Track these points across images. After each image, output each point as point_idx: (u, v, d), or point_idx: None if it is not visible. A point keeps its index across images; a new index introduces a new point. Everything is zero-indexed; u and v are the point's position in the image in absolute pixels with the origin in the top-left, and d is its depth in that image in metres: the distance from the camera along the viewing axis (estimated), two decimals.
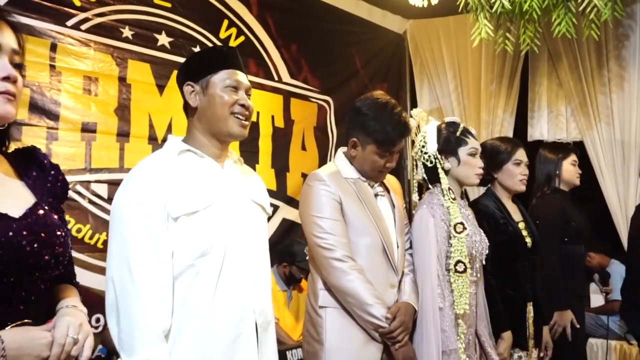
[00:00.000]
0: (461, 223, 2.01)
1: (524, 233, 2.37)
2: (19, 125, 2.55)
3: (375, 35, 4.52)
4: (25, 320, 1.05)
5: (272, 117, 3.72)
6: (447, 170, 2.11)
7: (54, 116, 2.69)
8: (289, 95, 3.83)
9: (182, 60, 3.08)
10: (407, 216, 2.12)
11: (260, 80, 3.66)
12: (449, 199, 2.05)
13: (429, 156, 2.11)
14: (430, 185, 2.14)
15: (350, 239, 1.88)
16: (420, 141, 2.14)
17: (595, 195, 3.83)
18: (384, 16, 4.57)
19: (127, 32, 2.98)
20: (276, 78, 3.77)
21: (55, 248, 1.09)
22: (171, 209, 1.35)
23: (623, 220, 3.74)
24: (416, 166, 2.18)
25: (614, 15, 3.07)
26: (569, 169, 2.90)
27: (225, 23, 3.49)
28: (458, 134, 2.12)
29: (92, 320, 2.71)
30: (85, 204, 2.76)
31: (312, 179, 1.93)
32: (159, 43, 3.12)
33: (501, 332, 2.21)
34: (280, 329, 3.27)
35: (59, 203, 1.22)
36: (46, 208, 1.13)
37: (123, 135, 2.93)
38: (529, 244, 2.36)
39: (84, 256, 2.70)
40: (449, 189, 2.07)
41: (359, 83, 4.30)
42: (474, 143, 2.13)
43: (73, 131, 2.75)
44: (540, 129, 4.16)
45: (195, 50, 3.27)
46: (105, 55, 2.89)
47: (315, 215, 1.86)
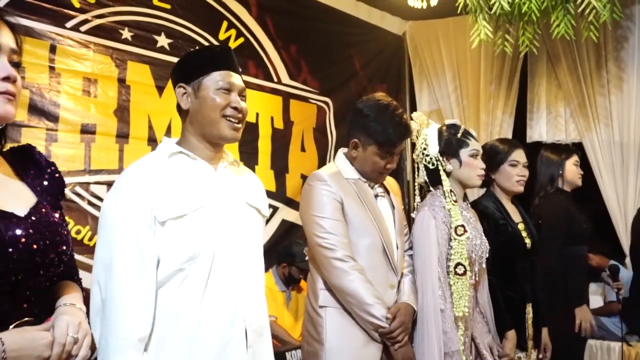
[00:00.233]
0: (462, 226, 2.02)
1: (524, 234, 2.37)
2: (19, 127, 2.55)
3: (374, 36, 4.52)
4: (27, 319, 1.05)
5: (272, 119, 3.72)
6: (449, 172, 2.11)
7: (53, 117, 2.69)
8: (288, 96, 3.84)
9: None
10: (406, 218, 2.12)
11: (260, 82, 3.66)
12: (450, 201, 2.05)
13: (431, 158, 2.11)
14: (431, 188, 2.14)
15: (351, 240, 1.88)
16: (421, 144, 2.14)
17: (594, 196, 3.84)
18: (383, 17, 4.58)
19: (127, 34, 2.98)
20: (275, 79, 3.78)
21: (59, 246, 1.10)
22: (158, 213, 1.33)
23: (622, 222, 3.74)
24: (418, 169, 2.18)
25: (613, 17, 3.08)
26: (572, 170, 2.90)
27: (225, 24, 3.50)
28: (459, 135, 2.13)
29: None
30: (85, 205, 2.76)
31: (313, 179, 1.93)
32: (159, 44, 3.12)
33: (505, 332, 2.21)
34: (278, 327, 3.27)
35: (57, 200, 1.22)
36: (47, 207, 1.14)
37: (122, 136, 2.93)
38: (529, 245, 2.36)
39: (83, 258, 2.69)
40: (450, 191, 2.07)
41: (358, 84, 4.30)
42: (475, 145, 2.14)
43: (72, 132, 2.75)
44: (540, 130, 4.17)
45: None
46: (105, 57, 2.89)
47: (317, 215, 1.86)
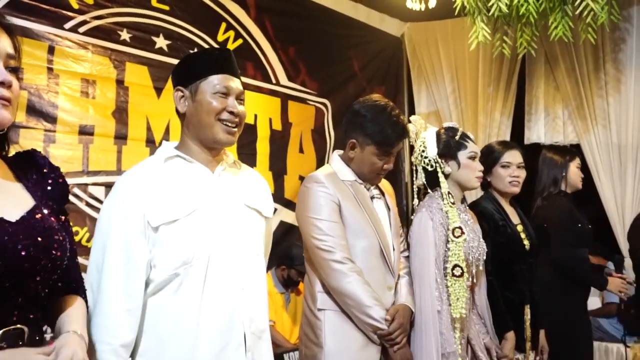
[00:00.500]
0: (459, 227, 2.02)
1: (522, 235, 2.38)
2: (17, 128, 2.54)
3: (373, 38, 4.52)
4: (18, 326, 1.03)
5: (270, 120, 3.72)
6: (448, 175, 2.13)
7: (52, 119, 2.68)
8: (286, 98, 3.84)
9: None
10: (404, 219, 2.12)
11: (258, 83, 3.66)
12: (448, 203, 2.06)
13: (429, 160, 2.13)
14: (430, 190, 2.15)
15: (348, 242, 1.88)
16: (420, 146, 2.15)
17: (592, 198, 3.84)
18: (381, 19, 4.58)
19: (125, 35, 2.98)
20: (274, 81, 3.78)
21: (52, 252, 1.07)
22: (151, 218, 1.34)
23: (620, 223, 3.75)
24: (416, 172, 2.18)
25: (611, 19, 3.09)
26: (575, 172, 2.90)
27: (223, 26, 3.50)
28: (457, 138, 2.15)
29: None
30: (83, 206, 2.76)
31: (310, 181, 1.93)
32: (157, 46, 3.12)
33: (504, 333, 2.21)
34: (276, 333, 3.26)
35: (60, 205, 1.21)
36: (45, 211, 1.12)
37: (121, 137, 2.93)
38: (527, 247, 2.37)
39: (81, 259, 2.61)
40: (448, 193, 2.08)
41: (356, 86, 4.31)
42: (473, 147, 2.15)
43: (70, 134, 2.75)
44: (538, 132, 4.17)
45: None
46: (103, 58, 2.89)
47: (314, 217, 1.86)
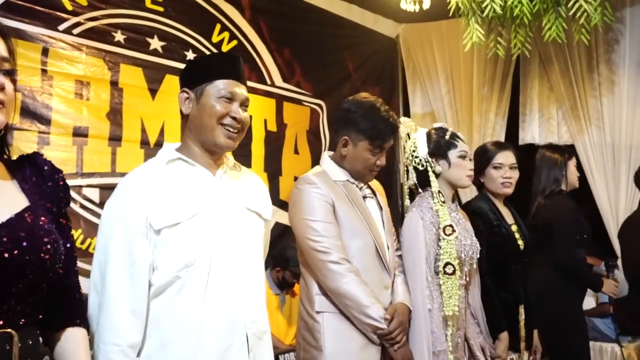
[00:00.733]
0: (450, 225, 2.04)
1: (517, 235, 2.38)
2: (10, 130, 2.53)
3: (367, 39, 4.53)
4: (8, 330, 1.01)
5: (265, 121, 3.72)
6: (438, 174, 2.15)
7: (46, 120, 2.68)
8: (281, 99, 3.84)
9: (175, 64, 3.19)
10: (398, 219, 2.13)
11: (253, 84, 3.65)
12: (438, 202, 2.08)
13: (420, 160, 2.15)
14: (421, 190, 2.17)
15: (343, 242, 1.87)
16: (410, 147, 2.17)
17: (585, 197, 3.86)
18: (376, 20, 4.59)
19: (119, 36, 2.98)
20: (269, 82, 3.78)
21: (41, 255, 1.05)
22: (153, 221, 1.34)
23: (614, 223, 3.77)
24: (407, 172, 2.20)
25: (604, 20, 3.11)
26: (573, 171, 2.91)
27: (218, 27, 3.50)
28: (447, 137, 2.17)
29: None
30: (77, 208, 2.75)
31: (302, 183, 1.92)
32: (151, 47, 3.12)
33: (498, 333, 2.21)
34: (272, 336, 3.25)
35: (61, 208, 1.20)
36: (38, 213, 1.10)
37: (115, 139, 2.93)
38: (522, 247, 2.37)
39: None
40: (438, 192, 2.10)
41: (351, 87, 4.31)
42: (463, 146, 2.18)
43: (65, 135, 2.74)
44: (532, 133, 4.19)
45: (187, 54, 3.27)
46: (97, 60, 2.89)
47: (308, 219, 1.84)
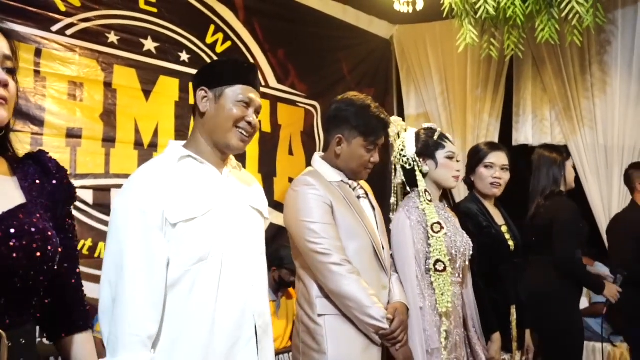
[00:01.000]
0: (438, 223, 2.06)
1: (507, 236, 2.39)
2: None
3: (362, 40, 4.54)
4: None
5: (259, 122, 3.71)
6: (426, 173, 2.17)
7: (39, 122, 2.67)
8: (276, 100, 3.84)
9: (169, 65, 3.19)
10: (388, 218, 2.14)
11: None
12: (425, 201, 2.10)
13: (408, 159, 2.17)
14: (409, 188, 2.19)
15: (342, 243, 1.86)
16: (399, 146, 2.20)
17: (577, 197, 3.87)
18: (370, 22, 4.60)
19: (113, 37, 2.97)
20: (263, 83, 3.77)
21: (31, 253, 1.04)
22: (170, 216, 1.37)
23: (606, 223, 3.77)
24: (395, 170, 2.23)
25: (596, 22, 3.13)
26: (571, 171, 2.92)
27: (212, 28, 3.49)
28: (436, 138, 2.20)
29: None
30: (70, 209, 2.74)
31: (299, 184, 1.91)
32: (145, 48, 3.12)
33: (490, 334, 2.22)
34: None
35: (64, 207, 1.20)
36: (32, 211, 1.09)
37: (109, 140, 2.92)
38: (512, 247, 2.38)
39: None
40: (425, 191, 2.12)
41: (346, 88, 4.30)
42: (451, 147, 2.20)
43: (58, 137, 2.74)
44: (525, 134, 4.21)
45: (181, 55, 3.27)
46: (91, 61, 2.88)
47: (306, 220, 1.83)
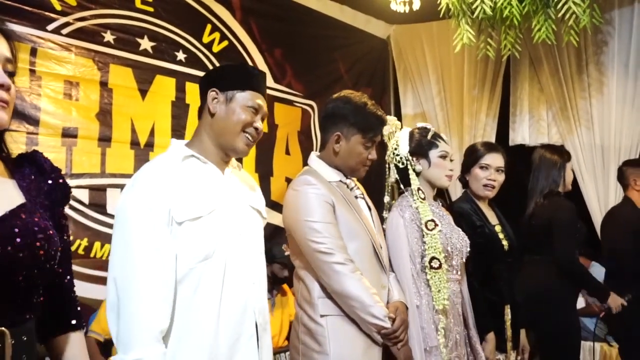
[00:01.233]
0: (432, 220, 2.06)
1: (501, 236, 2.39)
2: None
3: (359, 40, 4.54)
4: (1, 328, 1.02)
5: None
6: (419, 172, 2.18)
7: (34, 121, 2.66)
8: (272, 99, 3.83)
9: (165, 64, 3.19)
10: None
11: None
12: (418, 199, 2.10)
13: (401, 158, 2.18)
14: (402, 187, 2.20)
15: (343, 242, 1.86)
16: (393, 144, 2.20)
17: (573, 197, 3.87)
18: (367, 21, 4.60)
19: (109, 37, 2.97)
20: None
21: (36, 251, 1.06)
22: (176, 214, 1.39)
23: None
24: (389, 169, 2.23)
25: (593, 22, 3.13)
26: (570, 174, 2.92)
27: (209, 28, 3.49)
28: (429, 137, 2.20)
29: None
30: (66, 209, 2.72)
31: (300, 184, 1.90)
32: (141, 47, 3.11)
33: (485, 334, 2.22)
34: None
35: (59, 207, 1.21)
36: (34, 210, 1.11)
37: (105, 140, 2.92)
38: (506, 247, 2.38)
39: None
40: (418, 189, 2.13)
41: (343, 88, 4.22)
42: (444, 146, 2.21)
43: (53, 136, 2.73)
44: (522, 134, 4.21)
45: (177, 54, 3.27)
46: (87, 60, 2.87)
47: (309, 220, 1.82)
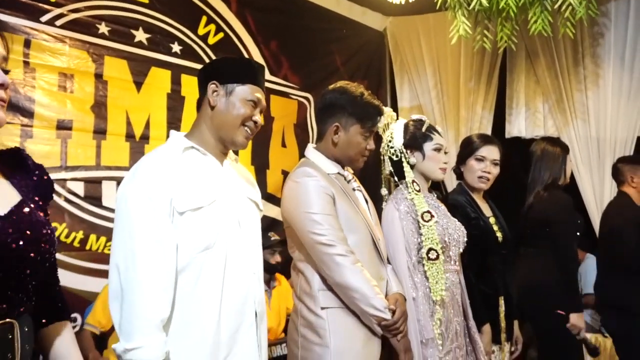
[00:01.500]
0: (428, 212, 2.06)
1: (495, 228, 2.40)
2: None
3: (355, 32, 4.52)
4: (7, 320, 1.04)
5: None
6: (413, 165, 2.18)
7: (28, 113, 2.65)
8: (268, 92, 3.82)
9: (160, 56, 3.17)
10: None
11: None
12: (413, 191, 2.11)
13: (395, 150, 2.18)
14: (397, 179, 2.20)
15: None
16: (387, 137, 2.20)
17: (571, 190, 3.89)
18: (364, 13, 4.59)
19: (104, 28, 2.95)
20: None
21: (41, 245, 1.10)
22: (177, 204, 1.41)
23: (598, 216, 3.78)
24: (383, 161, 2.23)
25: (589, 14, 3.12)
26: (569, 167, 2.91)
27: (204, 19, 3.47)
28: (424, 130, 2.20)
29: None
30: (61, 202, 2.73)
31: (300, 176, 1.88)
32: (136, 39, 3.09)
33: (481, 326, 2.23)
34: None
35: (45, 202, 1.23)
36: (32, 206, 1.14)
37: (100, 132, 2.90)
38: (500, 239, 2.39)
39: (60, 255, 2.67)
40: (412, 181, 2.13)
41: (339, 80, 4.22)
42: (439, 139, 2.20)
43: (48, 129, 2.72)
44: (519, 126, 4.21)
45: (173, 46, 3.25)
46: (81, 52, 2.85)
47: (310, 212, 1.81)
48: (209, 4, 3.49)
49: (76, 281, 2.71)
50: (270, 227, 3.67)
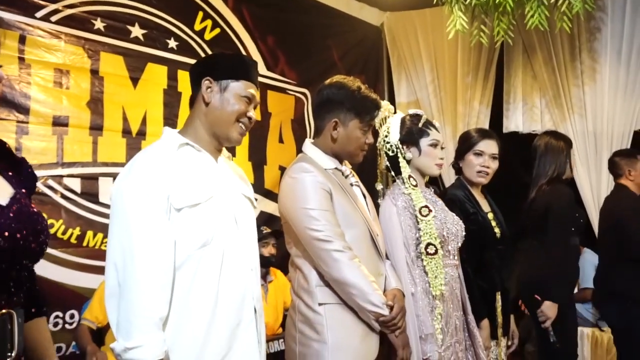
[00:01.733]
0: (426, 206, 2.06)
1: (493, 223, 2.39)
2: None
3: (352, 27, 4.52)
4: (4, 311, 1.05)
5: None
6: (409, 160, 2.18)
7: (24, 110, 2.64)
8: (265, 87, 3.82)
9: (156, 52, 3.16)
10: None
11: None
12: (409, 186, 2.10)
13: (391, 145, 2.17)
14: (394, 174, 2.19)
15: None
16: (384, 131, 2.19)
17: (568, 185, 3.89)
18: (361, 8, 4.58)
19: (99, 24, 2.93)
20: None
21: (40, 237, 1.11)
22: (174, 201, 1.40)
23: (595, 211, 3.80)
24: (379, 156, 2.22)
25: (585, 8, 3.11)
26: (573, 160, 2.91)
27: (200, 15, 3.46)
28: (420, 125, 2.18)
29: (67, 316, 2.69)
30: (58, 198, 2.72)
31: (297, 171, 1.87)
32: (132, 35, 3.08)
33: (479, 321, 2.23)
34: None
35: (30, 195, 1.23)
36: (25, 199, 1.15)
37: (96, 128, 2.89)
38: (498, 235, 2.39)
39: (57, 252, 2.67)
40: (409, 176, 2.13)
41: (336, 75, 4.29)
42: (435, 135, 2.19)
43: (44, 125, 2.71)
44: (516, 121, 4.21)
45: (169, 42, 3.24)
46: (77, 48, 2.84)
47: (307, 208, 1.80)
48: None
49: (73, 277, 2.71)
50: (267, 223, 3.66)
